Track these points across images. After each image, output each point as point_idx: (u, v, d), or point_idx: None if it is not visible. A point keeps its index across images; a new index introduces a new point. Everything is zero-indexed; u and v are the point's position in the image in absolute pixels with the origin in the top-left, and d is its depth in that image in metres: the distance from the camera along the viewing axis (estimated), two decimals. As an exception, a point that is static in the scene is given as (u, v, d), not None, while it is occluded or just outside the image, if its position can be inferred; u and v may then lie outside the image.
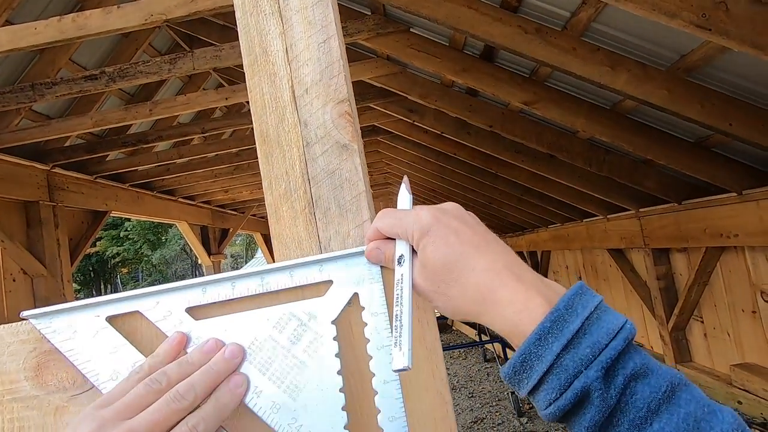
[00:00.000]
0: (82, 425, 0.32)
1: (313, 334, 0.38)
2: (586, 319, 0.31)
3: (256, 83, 0.43)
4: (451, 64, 2.94)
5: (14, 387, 0.39)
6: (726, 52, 1.97)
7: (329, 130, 0.42)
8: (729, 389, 3.11)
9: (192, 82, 5.18)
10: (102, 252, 22.57)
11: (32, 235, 3.91)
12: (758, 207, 2.59)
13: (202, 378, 0.35)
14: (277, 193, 0.42)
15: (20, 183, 3.79)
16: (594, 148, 3.38)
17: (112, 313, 0.39)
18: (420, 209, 0.39)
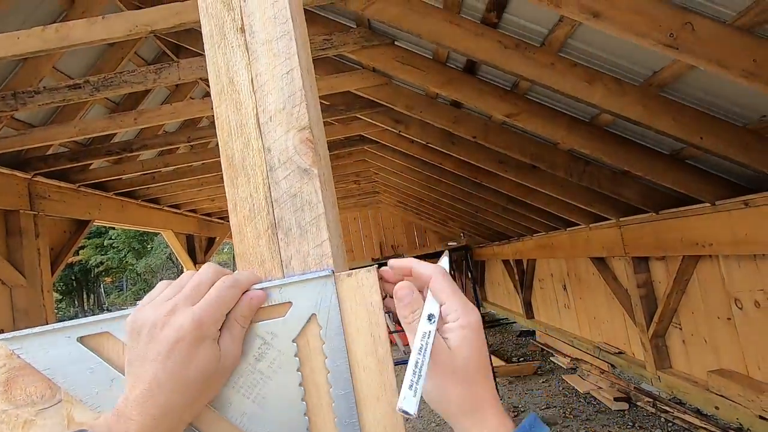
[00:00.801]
0: (155, 310, 0.39)
1: (276, 351, 0.41)
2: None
3: (223, 111, 0.46)
4: (435, 76, 3.00)
5: (-17, 401, 0.40)
6: (694, 69, 2.05)
7: (291, 156, 0.44)
8: (706, 395, 3.18)
9: (179, 91, 5.17)
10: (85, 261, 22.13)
11: (11, 245, 3.84)
12: (730, 217, 2.68)
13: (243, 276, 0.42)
14: (242, 215, 0.44)
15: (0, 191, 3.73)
16: (575, 159, 3.46)
17: (82, 334, 0.41)
18: (471, 304, 0.43)
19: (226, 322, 0.40)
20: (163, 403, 0.37)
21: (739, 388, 2.87)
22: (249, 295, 0.41)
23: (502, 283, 8.43)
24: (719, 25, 1.75)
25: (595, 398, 4.02)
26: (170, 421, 0.37)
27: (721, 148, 2.31)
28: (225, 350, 0.40)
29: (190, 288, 0.40)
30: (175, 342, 0.38)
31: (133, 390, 0.37)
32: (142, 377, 0.37)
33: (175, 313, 0.39)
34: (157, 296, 0.41)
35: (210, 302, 0.39)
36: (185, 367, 0.38)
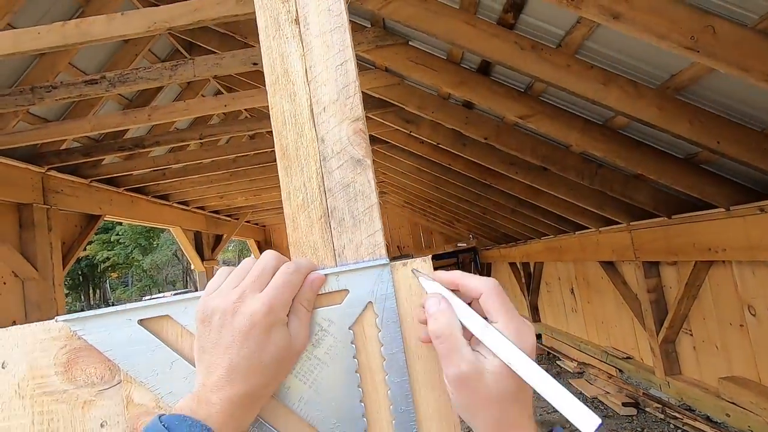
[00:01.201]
0: (224, 298, 0.39)
1: (333, 338, 0.42)
2: None
3: (277, 101, 0.46)
4: (449, 77, 3.00)
5: (45, 381, 0.41)
6: (713, 72, 2.04)
7: (345, 146, 0.45)
8: (717, 402, 3.16)
9: (190, 88, 5.21)
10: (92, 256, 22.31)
11: (25, 238, 3.88)
12: (745, 223, 2.66)
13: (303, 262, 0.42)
14: (295, 204, 0.45)
15: (14, 185, 3.77)
16: (587, 162, 3.45)
17: (143, 317, 0.42)
18: (526, 324, 0.39)
19: (292, 308, 0.41)
20: (241, 387, 0.38)
21: (752, 396, 2.84)
22: (310, 278, 0.42)
23: (508, 285, 8.40)
24: (741, 28, 1.74)
25: (602, 403, 3.99)
26: (248, 404, 0.38)
27: (738, 152, 2.29)
28: (294, 334, 0.41)
29: (256, 274, 0.41)
30: (250, 328, 0.38)
31: (210, 376, 0.38)
32: (218, 363, 0.38)
33: (244, 300, 0.39)
34: (222, 283, 0.42)
35: (277, 287, 0.40)
36: (260, 353, 0.38)
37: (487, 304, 0.39)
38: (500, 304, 0.38)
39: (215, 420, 0.36)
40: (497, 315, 0.38)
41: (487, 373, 0.36)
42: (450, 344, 0.38)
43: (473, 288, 0.40)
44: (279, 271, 0.41)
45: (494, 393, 0.36)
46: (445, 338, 0.38)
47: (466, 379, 0.37)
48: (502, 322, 0.38)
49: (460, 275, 0.41)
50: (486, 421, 0.37)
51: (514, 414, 0.37)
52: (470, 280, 0.40)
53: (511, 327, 0.37)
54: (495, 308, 0.38)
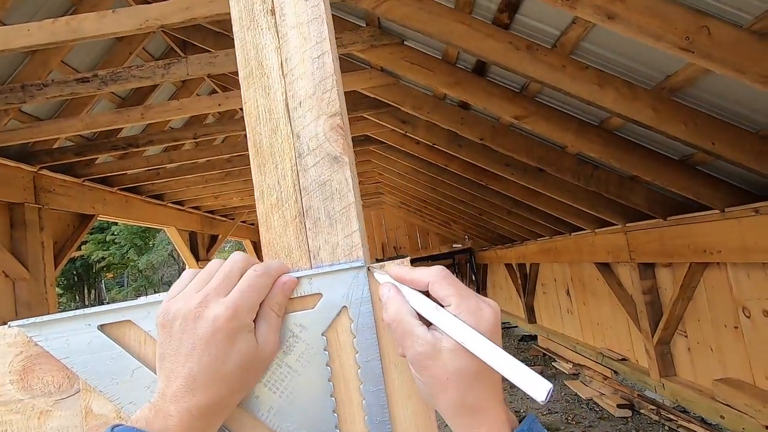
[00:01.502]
0: (186, 302, 0.37)
1: (305, 345, 0.40)
2: None
3: (251, 95, 0.44)
4: (444, 77, 2.98)
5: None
6: (709, 74, 2.03)
7: (321, 143, 0.43)
8: (712, 404, 3.15)
9: (185, 87, 5.17)
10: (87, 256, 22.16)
11: (16, 237, 3.84)
12: (740, 225, 2.65)
13: (274, 265, 0.40)
14: (269, 203, 0.43)
15: (5, 184, 3.73)
16: (582, 163, 3.44)
17: (104, 322, 0.40)
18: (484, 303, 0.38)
19: (261, 312, 0.39)
20: (202, 397, 0.36)
21: (746, 398, 2.84)
22: (281, 281, 0.40)
23: (504, 287, 8.40)
24: (736, 29, 1.73)
25: (597, 404, 3.98)
26: (210, 415, 0.36)
27: (733, 154, 2.29)
28: (262, 341, 0.38)
29: (221, 277, 0.39)
30: (212, 334, 0.36)
31: (170, 385, 0.36)
32: (178, 372, 0.36)
33: (207, 304, 0.37)
34: (186, 287, 0.39)
35: (243, 291, 0.38)
36: (223, 361, 0.36)
37: (436, 291, 0.38)
38: (448, 287, 0.37)
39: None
40: (449, 299, 0.37)
41: (444, 351, 0.35)
42: (403, 328, 0.37)
43: (419, 280, 0.39)
44: (246, 274, 0.39)
45: (453, 371, 0.35)
46: (397, 323, 0.37)
47: (423, 359, 0.36)
48: (454, 304, 0.37)
49: (405, 271, 0.40)
50: (448, 402, 0.36)
51: (477, 395, 0.35)
52: (415, 273, 0.39)
53: (463, 307, 0.36)
54: (445, 293, 0.37)
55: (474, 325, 0.35)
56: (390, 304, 0.38)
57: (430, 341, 0.36)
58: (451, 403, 0.36)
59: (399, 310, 0.37)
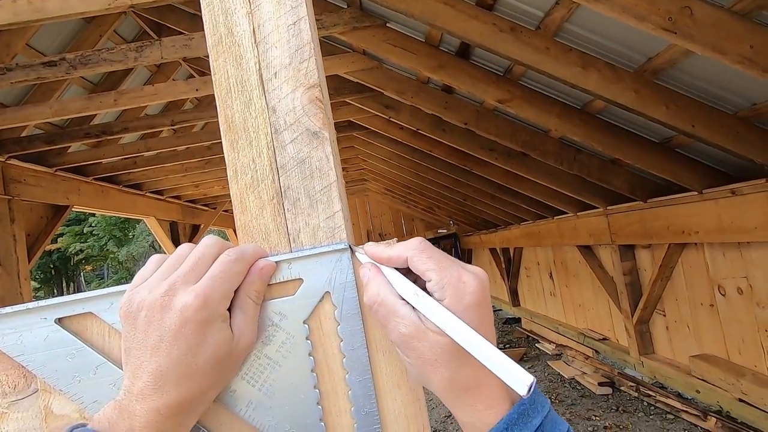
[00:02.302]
0: (151, 291, 0.34)
1: (285, 334, 0.37)
2: (545, 418, 0.34)
3: (221, 65, 0.41)
4: (427, 60, 2.94)
5: (-54, 392, 0.35)
6: (690, 55, 2.04)
7: (299, 117, 0.40)
8: (688, 379, 3.26)
9: (161, 72, 4.99)
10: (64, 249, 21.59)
11: (-15, 231, 3.68)
12: (717, 206, 2.71)
13: (249, 248, 0.37)
14: (243, 183, 0.40)
15: (-28, 175, 3.56)
16: (565, 147, 3.46)
17: (62, 315, 0.36)
18: (468, 274, 0.35)
19: (236, 300, 0.36)
20: (171, 396, 0.33)
21: (720, 372, 2.94)
22: (258, 266, 0.36)
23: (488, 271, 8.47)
24: (717, 9, 1.73)
25: (579, 383, 4.09)
26: (181, 414, 0.33)
27: (711, 135, 2.32)
28: (238, 331, 0.35)
29: (191, 263, 0.35)
30: (180, 326, 0.33)
31: (136, 382, 0.33)
32: (144, 368, 0.33)
33: (175, 293, 0.34)
34: (152, 274, 0.36)
35: (214, 277, 0.34)
36: (194, 355, 0.33)
37: (416, 266, 0.35)
38: (427, 260, 0.35)
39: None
40: (429, 273, 0.35)
41: (430, 331, 0.33)
42: (385, 309, 0.35)
43: (397, 257, 0.36)
44: (218, 259, 0.36)
45: (441, 350, 0.33)
46: (378, 305, 0.35)
47: (409, 339, 0.34)
48: (435, 279, 0.34)
49: (381, 249, 0.37)
50: (440, 382, 0.34)
51: (470, 371, 0.34)
52: (392, 250, 0.36)
53: (445, 280, 0.34)
54: (424, 267, 0.35)
55: (456, 300, 0.33)
56: (370, 285, 0.36)
57: (415, 321, 0.34)
58: (443, 382, 0.34)
59: (379, 291, 0.35)
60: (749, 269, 2.77)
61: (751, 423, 2.73)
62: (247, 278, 0.36)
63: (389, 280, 0.36)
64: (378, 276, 0.36)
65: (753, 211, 2.45)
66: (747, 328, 2.85)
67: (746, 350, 2.89)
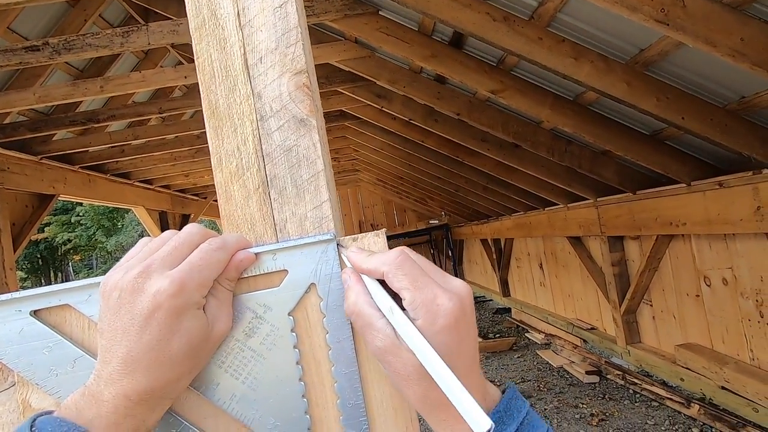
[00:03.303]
0: (127, 273, 0.33)
1: (270, 326, 0.37)
2: (521, 424, 0.34)
3: (204, 49, 0.39)
4: (420, 49, 2.91)
5: None
6: (681, 47, 2.05)
7: (285, 103, 0.39)
8: (673, 367, 3.33)
9: (148, 59, 4.89)
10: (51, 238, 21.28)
11: (-31, 220, 3.61)
12: (704, 197, 2.74)
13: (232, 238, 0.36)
14: (228, 171, 0.39)
15: (-47, 162, 3.47)
16: (557, 139, 3.47)
17: (37, 308, 0.35)
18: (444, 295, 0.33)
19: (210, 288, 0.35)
20: (141, 382, 0.32)
21: (704, 361, 3.01)
22: (238, 258, 0.36)
23: (479, 262, 8.56)
24: (710, 1, 1.73)
25: (567, 372, 4.16)
26: (151, 401, 0.32)
27: (701, 128, 2.34)
28: (212, 318, 0.34)
29: (170, 248, 0.34)
30: (151, 311, 0.32)
31: (105, 367, 0.32)
32: (114, 352, 0.32)
33: (150, 276, 0.33)
34: (134, 256, 0.35)
35: (192, 264, 0.34)
36: (166, 342, 0.32)
37: (392, 283, 0.34)
38: (403, 277, 0.34)
39: (105, 422, 0.31)
40: (403, 291, 0.33)
41: (403, 349, 0.32)
42: (362, 320, 0.34)
43: (375, 270, 0.35)
44: (199, 247, 0.35)
45: (412, 369, 0.32)
46: (356, 315, 0.34)
47: (383, 354, 0.33)
48: (408, 299, 0.33)
49: (361, 259, 0.36)
50: (413, 397, 0.34)
51: (440, 392, 0.32)
52: (371, 262, 0.35)
53: (418, 301, 0.33)
54: (399, 285, 0.34)
55: (428, 323, 0.32)
56: (349, 293, 0.35)
57: (390, 336, 0.33)
58: (415, 397, 0.34)
59: (357, 301, 0.34)
60: (734, 260, 2.82)
61: (733, 410, 2.80)
62: (225, 268, 0.35)
63: (369, 290, 0.35)
64: (357, 285, 0.35)
65: (739, 203, 2.48)
66: (731, 317, 2.91)
67: (729, 339, 2.95)
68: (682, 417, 3.00)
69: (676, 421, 2.98)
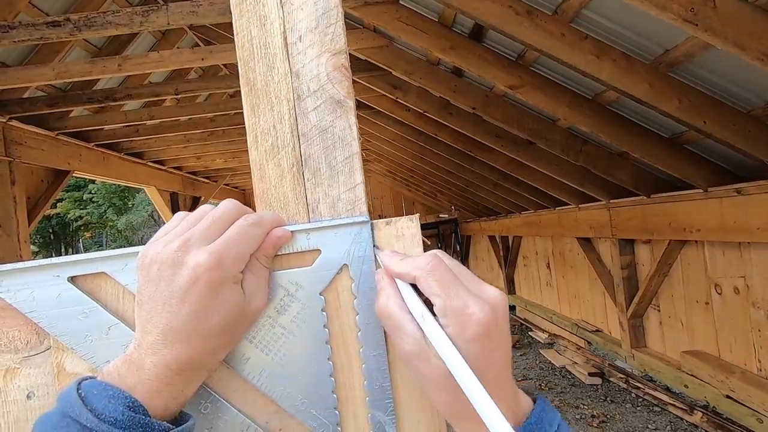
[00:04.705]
0: (166, 246, 0.34)
1: (301, 305, 0.37)
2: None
3: (244, 25, 0.39)
4: (439, 40, 2.88)
5: (-42, 346, 0.35)
6: (708, 49, 2.00)
7: (323, 84, 0.38)
8: (677, 373, 3.31)
9: (166, 39, 4.90)
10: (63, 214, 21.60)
11: (-14, 191, 3.67)
12: (721, 204, 2.70)
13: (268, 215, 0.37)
14: (263, 149, 0.39)
15: (-27, 134, 3.52)
16: (572, 138, 3.43)
17: (74, 274, 0.36)
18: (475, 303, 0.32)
19: (248, 264, 0.35)
20: (181, 352, 0.32)
21: (710, 369, 2.98)
22: (274, 234, 0.36)
23: (486, 258, 8.54)
24: (741, 2, 1.69)
25: (570, 372, 4.15)
26: (190, 371, 0.33)
27: (722, 133, 2.29)
28: (250, 292, 0.35)
29: (208, 223, 0.35)
30: (192, 283, 0.32)
31: (146, 336, 0.33)
32: (155, 323, 0.33)
33: (188, 249, 0.33)
34: (172, 230, 0.35)
35: (230, 239, 0.34)
36: (205, 313, 0.33)
37: (423, 289, 0.34)
38: (434, 284, 0.33)
39: (146, 388, 0.31)
40: (434, 298, 0.33)
41: (432, 354, 0.32)
42: (392, 323, 0.34)
43: (406, 274, 0.34)
44: (236, 222, 0.35)
45: (440, 376, 0.32)
46: (386, 317, 0.34)
47: (411, 358, 0.33)
48: (439, 305, 0.32)
49: (394, 263, 0.35)
50: (439, 404, 0.34)
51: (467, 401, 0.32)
52: (403, 266, 0.35)
53: (449, 308, 0.32)
54: (430, 291, 0.33)
55: (459, 331, 0.31)
56: (381, 295, 0.35)
57: (419, 341, 0.33)
58: (443, 404, 0.33)
59: (387, 303, 0.34)
60: (748, 269, 2.78)
61: (736, 419, 2.79)
62: (262, 244, 0.36)
63: (401, 292, 0.34)
64: (389, 287, 0.35)
65: (757, 211, 2.44)
66: (740, 327, 2.87)
67: (737, 349, 2.92)
68: (684, 423, 2.99)
69: (677, 427, 2.97)
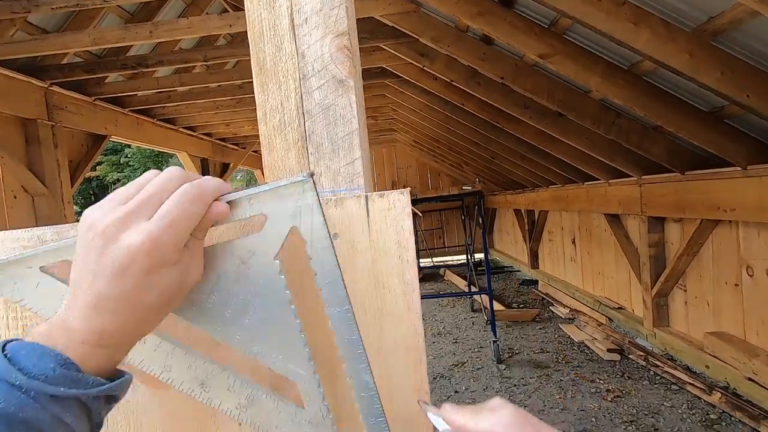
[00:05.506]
0: (104, 216, 0.32)
1: (256, 271, 0.37)
2: None
3: (255, 7, 0.42)
4: (468, 6, 2.78)
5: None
6: (756, 17, 1.87)
7: (326, 64, 0.41)
8: (699, 354, 3.28)
9: (195, 5, 4.92)
10: (102, 177, 22.62)
11: (31, 153, 3.89)
12: (760, 183, 2.58)
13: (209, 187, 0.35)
14: (272, 125, 0.42)
15: (18, 98, 3.71)
16: (605, 110, 3.30)
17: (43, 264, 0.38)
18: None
19: None
20: (110, 323, 0.32)
21: (733, 351, 2.94)
22: (213, 210, 0.35)
23: (511, 232, 8.47)
24: (797, -35, 1.56)
25: (588, 347, 4.17)
26: (120, 338, 0.33)
27: (767, 108, 2.17)
28: (185, 268, 0.34)
29: (148, 194, 0.33)
30: (126, 265, 0.31)
31: (76, 299, 0.32)
32: (85, 288, 0.32)
33: (126, 225, 0.32)
34: (116, 198, 0.34)
35: (170, 222, 0.32)
36: (137, 295, 0.32)
37: None
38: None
39: (78, 349, 0.31)
40: None
41: None
42: None
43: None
44: (176, 199, 0.33)
45: None
46: None
47: None
48: None
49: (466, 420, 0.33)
50: None
51: None
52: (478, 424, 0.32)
53: None
54: None
55: None
56: None
57: None
58: None
59: None
60: (782, 251, 2.68)
61: (757, 402, 2.76)
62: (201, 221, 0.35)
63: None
64: None
65: (798, 191, 2.32)
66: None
67: (765, 332, 2.86)
68: (702, 403, 2.98)
69: (694, 406, 2.97)
